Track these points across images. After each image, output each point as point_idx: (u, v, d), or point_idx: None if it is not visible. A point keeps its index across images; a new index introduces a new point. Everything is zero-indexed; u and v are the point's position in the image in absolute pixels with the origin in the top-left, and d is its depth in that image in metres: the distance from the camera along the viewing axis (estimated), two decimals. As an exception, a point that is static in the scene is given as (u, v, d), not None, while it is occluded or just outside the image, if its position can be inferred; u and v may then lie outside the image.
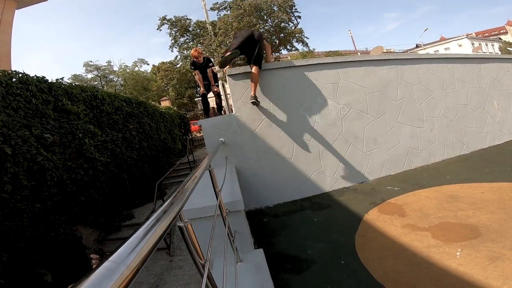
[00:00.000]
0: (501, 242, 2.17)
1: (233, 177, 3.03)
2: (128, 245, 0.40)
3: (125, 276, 0.33)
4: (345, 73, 4.38)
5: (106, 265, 0.34)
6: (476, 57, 5.97)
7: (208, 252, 0.91)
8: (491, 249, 2.11)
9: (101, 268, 0.34)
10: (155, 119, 9.93)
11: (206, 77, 5.16)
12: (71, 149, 5.30)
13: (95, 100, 6.74)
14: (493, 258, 2.00)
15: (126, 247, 0.39)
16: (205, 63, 5.08)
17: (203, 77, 5.15)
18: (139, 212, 6.40)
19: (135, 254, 0.38)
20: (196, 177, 1.06)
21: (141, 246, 0.41)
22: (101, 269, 0.33)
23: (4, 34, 8.78)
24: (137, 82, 29.01)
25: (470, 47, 38.22)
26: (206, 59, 5.15)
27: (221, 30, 13.71)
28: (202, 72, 5.12)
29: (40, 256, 4.13)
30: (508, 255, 2.00)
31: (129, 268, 0.35)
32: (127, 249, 0.39)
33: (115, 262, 0.35)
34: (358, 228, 2.87)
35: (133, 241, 0.42)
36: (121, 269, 0.34)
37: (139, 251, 0.39)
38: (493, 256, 2.02)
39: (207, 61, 5.14)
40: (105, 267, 0.34)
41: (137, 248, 0.40)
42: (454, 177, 3.86)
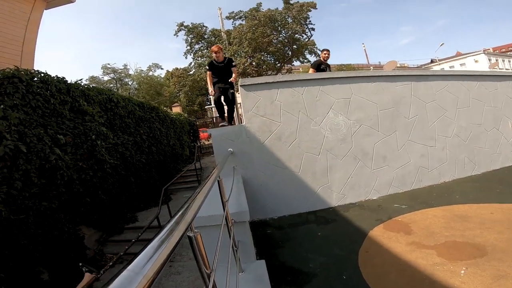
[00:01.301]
0: (507, 261, 2.14)
1: (240, 187, 3.05)
2: (144, 255, 0.42)
3: (142, 285, 0.35)
4: (358, 88, 4.39)
5: (125, 274, 0.36)
6: (492, 74, 5.87)
7: (214, 262, 0.92)
8: (496, 267, 2.08)
9: (120, 277, 0.36)
10: (165, 125, 10.07)
11: (224, 79, 4.67)
12: (83, 150, 5.42)
13: (110, 102, 6.91)
14: (497, 276, 1.97)
15: (143, 257, 0.42)
16: (226, 63, 4.64)
17: (221, 79, 4.68)
18: (143, 216, 6.43)
19: (150, 264, 0.40)
20: (207, 188, 1.09)
21: (157, 257, 0.43)
22: (120, 278, 0.35)
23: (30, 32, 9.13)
24: (150, 87, 29.65)
25: (487, 63, 37.38)
26: (227, 58, 4.70)
27: (235, 39, 13.95)
28: (221, 73, 4.65)
29: (40, 254, 4.18)
30: None
31: (145, 278, 0.37)
32: (144, 259, 0.41)
33: (133, 271, 0.37)
34: (362, 243, 2.85)
35: (149, 251, 0.44)
36: (139, 279, 0.36)
37: (155, 261, 0.41)
38: (498, 274, 1.99)
39: (228, 61, 4.68)
40: (124, 276, 0.36)
41: (153, 258, 0.42)
42: (463, 197, 3.79)
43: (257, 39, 13.48)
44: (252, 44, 13.44)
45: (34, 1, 9.17)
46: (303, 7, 13.73)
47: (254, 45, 13.55)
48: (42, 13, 9.70)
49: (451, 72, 5.60)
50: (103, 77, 28.50)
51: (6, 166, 4.06)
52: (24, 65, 7.43)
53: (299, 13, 13.77)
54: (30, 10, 9.09)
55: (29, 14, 9.10)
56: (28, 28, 9.08)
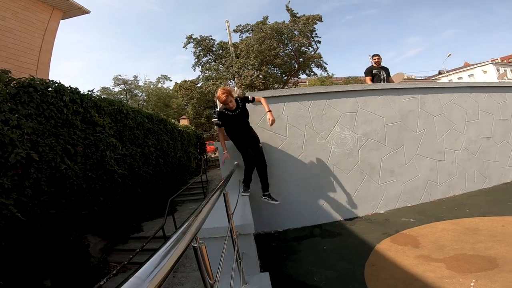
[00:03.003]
0: None
1: (246, 200, 3.06)
2: (151, 262, 0.45)
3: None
4: (364, 102, 4.40)
5: (133, 281, 0.39)
6: (500, 85, 5.79)
7: (217, 273, 0.94)
8: (507, 279, 2.03)
9: (128, 283, 0.38)
10: (173, 137, 10.21)
11: (243, 127, 3.45)
12: (92, 160, 5.53)
13: (120, 114, 7.07)
14: None
15: (150, 265, 0.44)
16: (242, 106, 3.38)
17: (239, 129, 3.44)
18: (148, 226, 6.46)
19: (157, 271, 0.43)
20: (213, 200, 1.11)
21: (163, 264, 0.45)
22: (128, 284, 0.38)
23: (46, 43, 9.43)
24: (159, 99, 30.24)
25: (495, 74, 36.97)
26: (240, 99, 3.39)
27: (242, 52, 14.21)
28: (237, 121, 3.40)
29: (44, 260, 4.22)
30: None
31: (152, 284, 0.39)
32: (151, 267, 0.44)
33: (140, 278, 0.40)
34: (369, 257, 2.81)
35: (156, 259, 0.46)
36: (145, 285, 0.39)
37: (161, 268, 0.44)
38: (510, 286, 1.95)
39: (243, 101, 3.40)
40: (132, 282, 0.39)
41: (160, 265, 0.44)
42: (474, 210, 3.71)
43: (264, 52, 13.70)
44: (259, 57, 13.66)
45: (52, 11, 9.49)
46: (309, 20, 13.98)
47: (261, 58, 13.77)
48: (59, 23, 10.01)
49: (459, 84, 5.57)
50: (114, 88, 29.28)
51: (17, 174, 4.16)
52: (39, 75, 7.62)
53: (305, 26, 14.00)
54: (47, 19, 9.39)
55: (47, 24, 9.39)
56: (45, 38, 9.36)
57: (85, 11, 10.39)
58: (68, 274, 4.44)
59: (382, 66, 5.33)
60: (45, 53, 9.38)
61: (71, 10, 10.06)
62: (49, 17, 9.38)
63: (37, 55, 9.07)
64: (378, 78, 5.24)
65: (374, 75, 5.24)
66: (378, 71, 5.24)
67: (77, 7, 9.98)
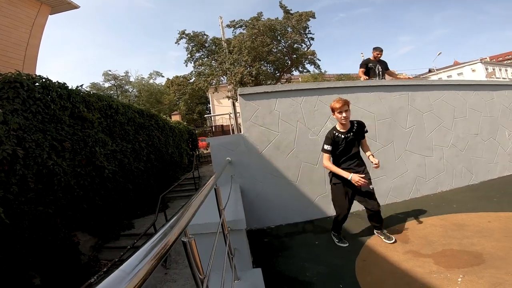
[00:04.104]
0: (504, 269, 2.14)
1: (237, 196, 3.06)
2: (137, 256, 0.44)
3: (133, 285, 0.37)
4: (355, 98, 4.43)
5: (117, 274, 0.38)
6: (489, 83, 5.90)
7: (208, 268, 0.93)
8: (493, 275, 2.09)
9: (112, 276, 0.37)
10: (164, 133, 10.10)
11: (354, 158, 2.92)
12: (81, 156, 5.43)
13: (110, 109, 6.95)
14: (495, 284, 1.97)
15: (135, 258, 0.43)
16: (357, 129, 2.89)
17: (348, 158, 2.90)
18: (139, 223, 6.39)
19: (142, 264, 0.41)
20: (203, 195, 1.10)
21: (149, 258, 0.44)
22: (112, 277, 0.37)
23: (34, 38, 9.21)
24: (151, 94, 29.89)
25: (483, 72, 37.75)
26: (356, 122, 2.92)
27: (235, 48, 14.11)
28: (348, 149, 2.88)
29: (33, 258, 4.15)
30: (510, 281, 1.97)
31: (137, 277, 0.38)
32: (136, 260, 0.42)
33: (125, 272, 0.39)
34: (360, 252, 2.85)
35: (142, 252, 0.45)
36: (130, 278, 0.37)
37: (147, 262, 0.43)
38: (496, 282, 2.00)
39: (359, 127, 2.91)
40: (116, 275, 0.37)
41: (145, 259, 0.43)
42: (461, 206, 3.80)
43: (257, 48, 13.63)
44: (252, 53, 13.59)
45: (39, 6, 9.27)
46: (302, 17, 13.96)
47: (254, 54, 13.70)
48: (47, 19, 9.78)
49: (448, 81, 5.66)
50: (103, 84, 28.77)
51: (3, 171, 4.06)
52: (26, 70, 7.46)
53: (298, 23, 13.97)
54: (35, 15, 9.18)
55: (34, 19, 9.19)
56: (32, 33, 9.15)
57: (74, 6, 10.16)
58: (58, 272, 4.37)
59: (379, 60, 5.26)
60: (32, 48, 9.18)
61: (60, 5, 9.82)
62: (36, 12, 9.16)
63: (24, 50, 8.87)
64: (373, 72, 5.20)
65: (369, 69, 5.21)
66: (373, 65, 5.20)
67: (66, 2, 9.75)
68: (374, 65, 5.21)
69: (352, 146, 2.87)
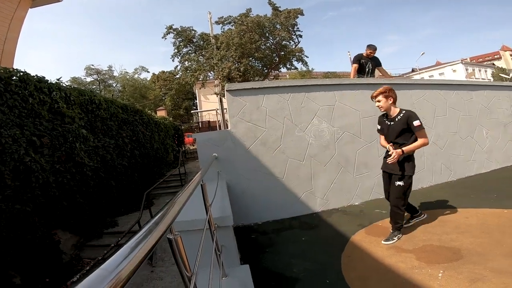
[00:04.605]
0: (482, 264, 2.22)
1: (224, 192, 3.03)
2: (119, 254, 0.41)
3: (116, 284, 0.35)
4: (341, 96, 4.49)
5: (98, 273, 0.36)
6: (468, 83, 6.12)
7: (195, 266, 0.91)
8: (472, 271, 2.16)
9: (92, 275, 0.35)
10: (149, 128, 9.90)
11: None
12: (60, 152, 5.23)
13: (91, 104, 6.72)
14: (474, 279, 2.04)
15: (118, 256, 0.41)
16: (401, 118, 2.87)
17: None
18: (123, 221, 6.26)
19: (126, 262, 0.39)
20: (189, 191, 1.08)
21: (133, 256, 0.42)
22: (92, 276, 0.35)
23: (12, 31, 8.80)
24: (135, 89, 29.14)
25: (464, 73, 39.24)
26: (405, 111, 2.90)
27: (223, 44, 13.98)
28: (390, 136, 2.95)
29: (12, 258, 3.99)
30: (488, 277, 2.04)
31: (119, 276, 0.36)
32: (119, 258, 0.40)
33: (107, 270, 0.36)
34: (345, 248, 2.90)
35: (125, 250, 0.43)
36: (112, 277, 0.35)
37: (131, 260, 0.40)
38: (474, 277, 2.06)
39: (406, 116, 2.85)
40: (96, 274, 0.35)
41: (129, 257, 0.41)
42: (440, 202, 3.94)
43: (245, 45, 13.55)
44: (239, 50, 13.50)
45: (19, -1, 8.86)
46: (290, 14, 13.97)
47: (242, 50, 13.61)
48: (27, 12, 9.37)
49: (429, 81, 5.84)
50: (85, 78, 27.77)
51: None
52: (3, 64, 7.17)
53: (286, 20, 13.98)
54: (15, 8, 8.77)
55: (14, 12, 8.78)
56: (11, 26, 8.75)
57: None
58: (39, 271, 4.23)
59: (372, 57, 5.31)
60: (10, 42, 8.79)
61: (41, -2, 9.43)
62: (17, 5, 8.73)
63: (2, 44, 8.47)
64: (363, 69, 5.28)
65: (360, 65, 5.27)
66: (365, 62, 5.25)
67: (47, -5, 9.36)
68: (366, 62, 5.28)
69: (394, 133, 2.88)
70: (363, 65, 5.26)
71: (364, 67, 5.26)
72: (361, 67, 5.28)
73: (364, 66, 5.26)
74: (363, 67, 5.26)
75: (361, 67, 5.27)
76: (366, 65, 5.26)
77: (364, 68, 5.27)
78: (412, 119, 2.79)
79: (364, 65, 5.26)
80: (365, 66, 5.26)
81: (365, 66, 5.26)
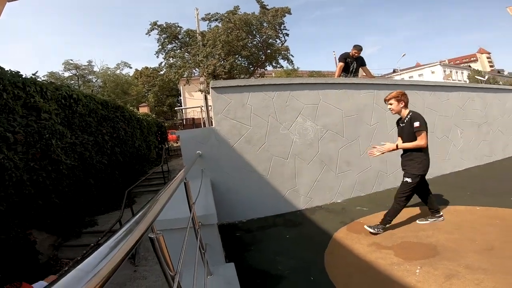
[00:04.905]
0: (456, 260, 2.33)
1: (208, 190, 3.01)
2: (98, 254, 0.40)
3: (93, 284, 0.33)
4: (325, 95, 4.56)
5: (73, 274, 0.34)
6: (445, 85, 6.38)
7: (178, 264, 0.90)
8: (447, 266, 2.26)
9: (68, 276, 0.33)
10: (131, 125, 9.64)
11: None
12: (35, 149, 4.99)
13: (69, 99, 6.45)
14: (449, 275, 2.13)
15: (96, 256, 0.39)
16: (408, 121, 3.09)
17: None
18: (103, 220, 6.09)
19: (105, 262, 0.38)
20: (171, 189, 1.06)
21: (112, 255, 0.40)
22: (68, 277, 0.33)
23: None
24: (117, 85, 28.26)
25: (442, 74, 41.04)
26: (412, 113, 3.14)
27: (209, 41, 13.82)
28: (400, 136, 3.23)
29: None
30: (462, 273, 2.14)
31: (98, 276, 0.35)
32: (97, 258, 0.38)
33: (83, 271, 0.35)
34: (328, 246, 2.95)
35: (104, 250, 0.41)
36: (89, 278, 0.34)
37: (110, 260, 0.39)
38: (449, 273, 2.16)
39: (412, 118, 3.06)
40: (72, 275, 0.34)
41: (108, 257, 0.39)
42: (417, 199, 4.05)
43: (232, 43, 13.45)
44: (226, 47, 13.39)
45: (-3, -8, 8.31)
46: (278, 12, 14.00)
47: (228, 48, 13.51)
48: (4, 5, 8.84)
49: (409, 82, 6.03)
50: (63, 73, 26.59)
51: None
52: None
53: (274, 18, 13.99)
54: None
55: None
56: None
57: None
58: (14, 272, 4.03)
59: (357, 57, 5.45)
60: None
61: (21, -8, 8.87)
62: None
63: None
64: (348, 68, 5.42)
65: (346, 64, 5.40)
66: (350, 61, 5.40)
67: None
68: (351, 62, 5.42)
69: (405, 135, 3.07)
70: (348, 64, 5.40)
71: (349, 66, 5.40)
72: (346, 66, 5.43)
73: (349, 65, 5.40)
74: (348, 66, 5.40)
75: (346, 66, 5.42)
76: (351, 64, 5.40)
77: (349, 67, 5.41)
78: (414, 120, 2.98)
79: (349, 64, 5.40)
80: (350, 65, 5.40)
81: (350, 65, 5.40)
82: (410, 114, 3.05)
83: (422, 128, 2.93)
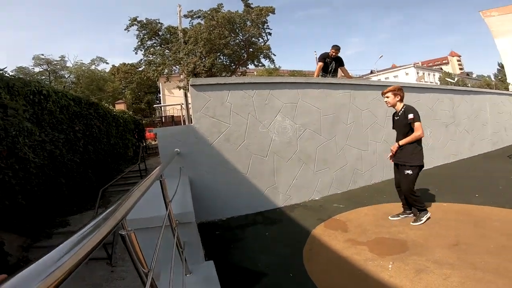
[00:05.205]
0: (425, 256, 2.46)
1: (186, 188, 2.97)
2: (60, 249, 0.39)
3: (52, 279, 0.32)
4: (304, 94, 4.64)
5: (33, 267, 0.33)
6: (417, 86, 6.69)
7: (152, 262, 0.89)
8: (416, 262, 2.38)
9: (27, 270, 0.32)
10: (106, 122, 9.28)
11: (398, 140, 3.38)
12: (1, 147, 4.69)
13: (38, 95, 6.11)
14: (418, 270, 2.25)
15: (58, 251, 0.38)
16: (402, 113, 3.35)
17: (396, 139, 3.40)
18: (76, 220, 5.86)
19: (67, 257, 0.37)
20: (145, 186, 1.04)
21: (75, 251, 0.39)
22: (26, 271, 0.32)
23: None
24: (92, 81, 26.94)
25: (415, 76, 43.18)
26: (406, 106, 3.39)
27: (191, 38, 13.58)
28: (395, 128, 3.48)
29: None
30: (431, 268, 2.27)
31: (60, 270, 0.34)
32: (59, 253, 0.38)
33: (44, 265, 0.34)
34: (306, 242, 3.01)
35: (67, 245, 0.40)
36: (49, 272, 0.33)
37: (73, 255, 0.38)
38: (419, 268, 2.28)
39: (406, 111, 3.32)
40: (32, 269, 0.33)
41: (71, 252, 0.39)
42: (390, 197, 4.26)
43: (214, 40, 13.30)
44: (208, 45, 13.23)
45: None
46: (262, 11, 14.00)
47: (210, 46, 13.35)
48: None
49: (383, 83, 6.27)
50: (33, 69, 25.00)
51: None
52: None
53: (258, 17, 13.96)
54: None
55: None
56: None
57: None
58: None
59: (336, 57, 5.62)
60: None
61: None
62: None
63: None
64: (327, 68, 5.58)
65: (325, 64, 5.55)
66: (329, 61, 5.56)
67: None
68: (330, 62, 5.59)
69: (400, 127, 3.31)
70: (327, 64, 5.55)
71: (328, 66, 5.55)
72: (325, 66, 5.57)
73: (328, 65, 5.54)
74: (327, 66, 5.55)
75: (325, 66, 5.57)
76: (330, 64, 5.55)
77: (328, 67, 5.55)
78: (407, 112, 3.22)
79: (328, 64, 5.55)
80: (329, 65, 5.54)
81: (329, 65, 5.54)
82: (404, 107, 3.30)
83: (417, 119, 3.18)
